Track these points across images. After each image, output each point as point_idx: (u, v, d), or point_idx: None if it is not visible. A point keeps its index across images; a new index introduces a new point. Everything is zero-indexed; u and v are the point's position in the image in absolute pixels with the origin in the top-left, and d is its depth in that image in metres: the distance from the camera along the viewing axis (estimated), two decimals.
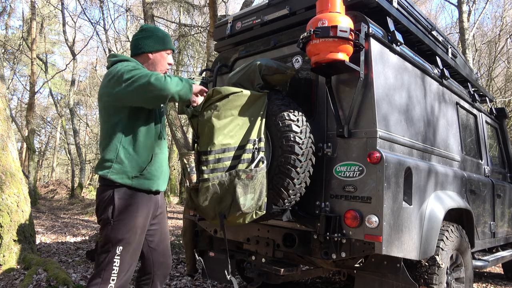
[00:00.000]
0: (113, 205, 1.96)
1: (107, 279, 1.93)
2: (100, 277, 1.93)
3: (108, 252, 1.95)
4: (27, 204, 4.43)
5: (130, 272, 2.02)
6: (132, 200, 1.99)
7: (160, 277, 2.22)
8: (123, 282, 1.98)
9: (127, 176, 1.97)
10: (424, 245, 2.45)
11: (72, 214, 11.06)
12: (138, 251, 2.05)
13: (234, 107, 2.36)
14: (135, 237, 1.99)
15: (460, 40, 10.04)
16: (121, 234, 1.96)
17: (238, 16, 3.26)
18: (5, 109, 4.57)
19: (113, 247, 1.95)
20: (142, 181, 2.00)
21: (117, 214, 1.96)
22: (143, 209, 2.03)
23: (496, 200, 3.91)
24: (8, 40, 17.72)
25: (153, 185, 2.05)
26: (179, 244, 5.55)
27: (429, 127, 2.91)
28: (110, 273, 1.93)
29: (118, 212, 1.96)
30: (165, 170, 2.13)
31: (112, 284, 1.93)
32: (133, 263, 2.03)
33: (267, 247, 2.73)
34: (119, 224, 1.96)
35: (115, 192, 1.97)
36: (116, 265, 1.94)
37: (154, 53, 2.14)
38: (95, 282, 1.93)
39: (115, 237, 1.95)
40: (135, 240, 2.00)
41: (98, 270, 1.95)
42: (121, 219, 1.96)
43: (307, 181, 2.36)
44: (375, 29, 2.50)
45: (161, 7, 11.62)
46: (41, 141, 28.67)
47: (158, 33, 2.17)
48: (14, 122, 14.57)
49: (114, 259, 1.94)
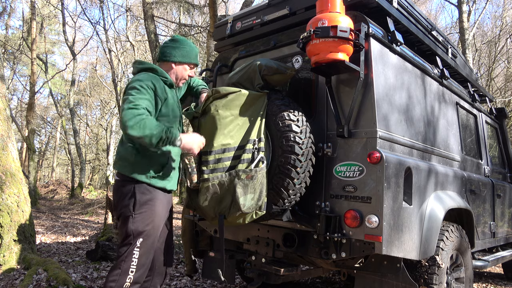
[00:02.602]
0: (135, 198, 2.07)
1: (126, 270, 2.02)
2: (120, 269, 2.02)
3: (130, 245, 2.05)
4: (27, 204, 4.43)
5: (148, 264, 2.12)
6: (151, 195, 2.11)
7: (160, 276, 2.26)
8: (141, 273, 2.07)
9: (146, 175, 2.09)
10: (424, 245, 2.45)
11: (72, 214, 11.06)
12: (154, 245, 2.15)
13: (234, 107, 2.36)
14: (154, 230, 2.11)
15: (460, 40, 10.05)
16: (142, 226, 2.06)
17: (238, 16, 3.26)
18: (5, 109, 4.57)
19: (134, 239, 2.05)
20: (158, 181, 2.14)
21: (138, 207, 2.07)
22: (161, 205, 2.16)
23: (496, 200, 3.91)
24: (8, 40, 17.72)
25: (168, 185, 2.19)
26: (179, 244, 5.55)
27: (429, 127, 2.91)
28: (129, 265, 2.03)
29: (139, 205, 2.07)
30: (177, 172, 2.28)
31: (131, 275, 2.03)
32: (150, 257, 2.13)
33: (267, 247, 2.73)
34: (140, 217, 2.07)
35: (136, 187, 2.09)
36: (135, 257, 2.04)
37: (178, 64, 2.29)
38: (115, 273, 2.02)
39: (136, 229, 2.06)
40: (154, 233, 2.11)
41: (118, 261, 2.05)
42: (141, 212, 2.07)
43: (307, 181, 2.36)
44: (375, 29, 2.50)
45: (161, 7, 11.63)
46: (41, 141, 28.68)
47: (186, 46, 2.30)
48: (14, 122, 14.57)
49: (134, 251, 2.04)
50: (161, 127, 1.95)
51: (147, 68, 2.21)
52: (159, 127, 1.94)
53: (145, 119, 1.91)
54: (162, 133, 1.93)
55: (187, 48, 2.30)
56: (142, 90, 2.02)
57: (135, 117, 1.89)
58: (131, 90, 2.02)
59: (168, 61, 2.28)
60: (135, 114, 1.90)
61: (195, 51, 2.34)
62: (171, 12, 15.64)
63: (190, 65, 2.33)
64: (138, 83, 2.04)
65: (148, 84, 2.06)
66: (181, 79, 2.33)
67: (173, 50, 2.27)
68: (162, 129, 1.94)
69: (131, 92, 2.01)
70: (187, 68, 2.32)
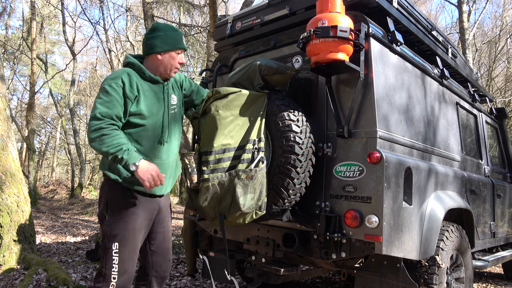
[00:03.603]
0: (108, 199, 1.99)
1: (108, 277, 1.95)
2: (102, 275, 1.97)
3: (106, 249, 1.97)
4: (27, 204, 4.43)
5: (130, 271, 2.03)
6: (128, 198, 2.00)
7: (158, 279, 2.21)
8: (123, 281, 1.99)
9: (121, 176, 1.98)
10: (424, 245, 2.45)
11: (72, 214, 11.06)
12: (136, 251, 2.05)
13: (234, 107, 2.36)
14: (131, 235, 1.99)
15: (460, 40, 10.05)
16: (115, 229, 1.97)
17: (238, 16, 3.26)
18: (5, 109, 4.57)
19: (109, 243, 1.97)
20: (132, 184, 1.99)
21: (111, 209, 1.98)
22: (141, 210, 2.02)
23: (496, 200, 3.91)
24: (8, 40, 17.72)
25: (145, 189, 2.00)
26: (179, 244, 5.55)
27: (429, 127, 2.91)
28: (111, 272, 1.95)
29: (112, 207, 1.98)
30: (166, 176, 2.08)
31: (114, 282, 1.96)
32: (133, 263, 2.03)
33: (267, 247, 2.73)
34: (113, 219, 1.98)
35: (111, 187, 2.00)
36: (115, 263, 1.96)
37: (163, 54, 2.10)
38: (99, 280, 1.98)
39: (109, 232, 1.97)
40: (131, 237, 1.99)
41: (100, 268, 1.99)
42: (114, 214, 1.98)
43: (307, 181, 2.36)
44: (375, 29, 2.50)
45: (161, 7, 11.63)
46: (41, 141, 28.69)
47: (168, 32, 2.12)
48: (14, 122, 14.57)
49: (113, 257, 1.96)
50: (119, 148, 1.84)
51: (126, 63, 2.09)
52: (117, 147, 1.84)
53: (105, 135, 1.85)
54: (118, 153, 1.83)
55: (168, 33, 2.11)
56: (110, 91, 1.93)
57: (97, 130, 1.84)
58: (101, 93, 1.95)
59: (152, 53, 2.10)
60: (98, 126, 1.85)
61: (179, 35, 2.14)
62: (171, 12, 15.65)
63: (176, 52, 2.13)
64: (108, 83, 1.96)
65: (118, 82, 1.96)
66: (172, 69, 2.14)
67: (155, 40, 2.09)
68: (119, 150, 1.84)
69: (100, 95, 1.94)
70: (175, 56, 2.12)
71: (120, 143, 1.86)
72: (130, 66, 2.08)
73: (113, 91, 1.94)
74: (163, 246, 2.22)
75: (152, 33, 2.12)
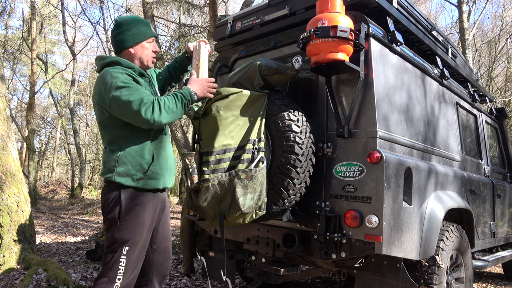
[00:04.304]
0: (120, 205, 1.94)
1: (113, 279, 1.92)
2: (106, 277, 1.93)
3: (115, 253, 1.93)
4: (27, 204, 4.43)
5: (136, 271, 2.02)
6: (138, 200, 1.98)
7: (159, 277, 2.21)
8: (129, 281, 1.98)
9: (132, 178, 1.95)
10: (424, 245, 2.45)
11: (72, 214, 11.06)
12: (144, 250, 2.05)
13: (235, 107, 2.36)
14: (142, 237, 1.99)
15: (460, 40, 10.05)
16: (127, 234, 1.94)
17: (238, 16, 3.26)
18: (5, 109, 4.57)
19: (119, 248, 1.93)
20: (148, 182, 1.99)
21: (124, 214, 1.95)
22: (150, 208, 2.02)
23: (496, 200, 3.91)
24: (8, 40, 17.71)
25: (159, 184, 2.03)
26: (179, 244, 5.55)
27: (429, 127, 2.91)
28: (116, 273, 1.92)
29: (125, 212, 1.95)
30: (170, 166, 2.11)
31: (118, 283, 1.93)
32: (139, 262, 2.03)
33: (267, 247, 2.73)
34: (125, 225, 1.94)
35: (121, 193, 1.95)
36: (122, 265, 1.93)
37: (135, 47, 2.06)
38: (101, 281, 1.93)
39: (121, 237, 1.94)
40: (141, 239, 1.99)
41: (104, 269, 1.95)
42: (127, 219, 1.95)
43: (307, 181, 2.36)
44: (375, 29, 2.50)
45: (161, 7, 11.62)
46: (41, 141, 28.68)
47: (133, 23, 2.06)
48: (14, 122, 14.57)
49: (121, 259, 1.93)
50: (177, 99, 1.94)
51: (110, 63, 2.00)
52: (173, 100, 1.92)
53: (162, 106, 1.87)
54: (183, 102, 1.95)
55: (133, 24, 2.05)
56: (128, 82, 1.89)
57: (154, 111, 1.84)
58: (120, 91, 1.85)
59: (124, 48, 2.05)
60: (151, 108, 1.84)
61: (144, 24, 2.09)
62: (171, 12, 15.64)
63: (148, 41, 2.09)
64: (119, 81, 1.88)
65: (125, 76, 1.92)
66: (149, 59, 2.11)
67: (122, 35, 2.04)
68: (179, 99, 1.94)
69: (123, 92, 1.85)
70: (147, 46, 2.08)
71: (172, 99, 1.93)
72: (115, 64, 2.00)
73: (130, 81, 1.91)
74: (164, 245, 2.22)
75: (118, 28, 2.07)
